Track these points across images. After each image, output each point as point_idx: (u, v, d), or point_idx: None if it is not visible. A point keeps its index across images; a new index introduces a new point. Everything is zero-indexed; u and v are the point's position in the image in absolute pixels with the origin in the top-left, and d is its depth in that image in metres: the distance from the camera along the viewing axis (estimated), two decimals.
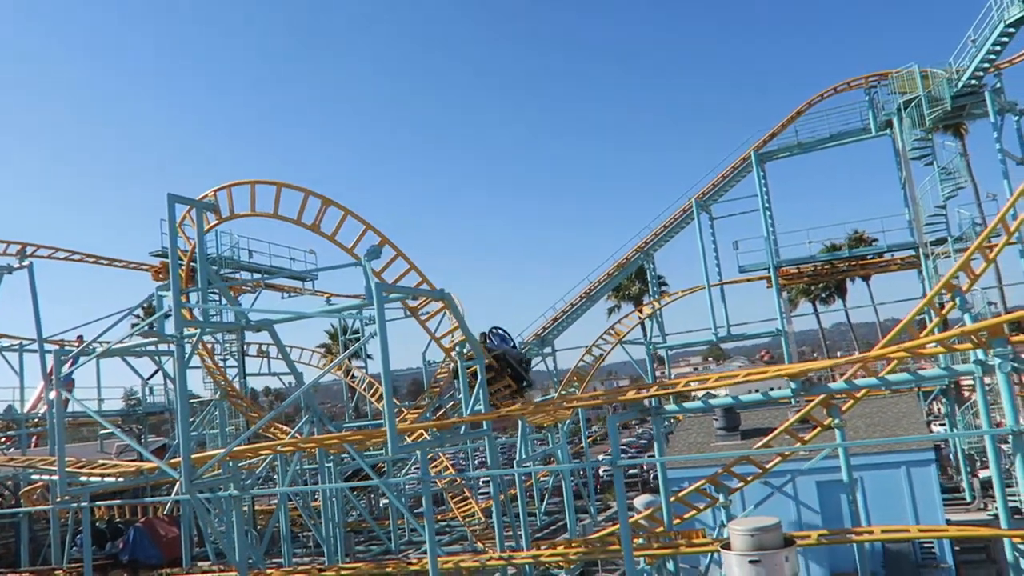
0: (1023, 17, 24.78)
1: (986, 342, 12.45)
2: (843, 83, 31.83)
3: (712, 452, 22.85)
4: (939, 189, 27.74)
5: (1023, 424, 12.24)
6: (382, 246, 18.57)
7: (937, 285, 15.47)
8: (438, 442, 18.25)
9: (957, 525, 23.52)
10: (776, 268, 30.76)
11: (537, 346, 35.91)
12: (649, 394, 15.94)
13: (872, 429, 21.78)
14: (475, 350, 19.36)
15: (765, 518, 13.45)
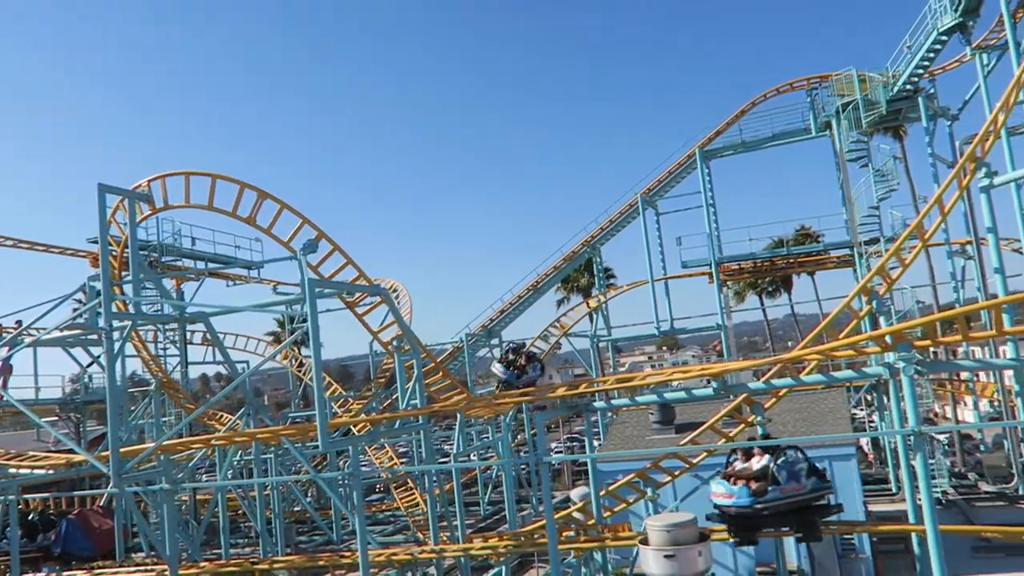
0: (956, 25, 25.59)
1: (892, 346, 12.96)
2: (786, 84, 32.52)
3: (647, 444, 23.40)
4: (873, 190, 28.59)
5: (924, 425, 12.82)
6: (318, 240, 18.53)
7: (854, 290, 16.06)
8: (371, 437, 18.35)
9: (880, 516, 24.53)
10: (718, 264, 31.42)
11: (484, 337, 36.14)
12: (577, 391, 16.24)
13: (800, 424, 22.51)
14: (412, 345, 19.46)
15: (682, 514, 13.89)
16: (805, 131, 32.05)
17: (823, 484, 13.77)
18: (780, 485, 13.32)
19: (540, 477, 16.16)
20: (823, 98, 31.59)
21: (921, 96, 28.98)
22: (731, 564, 21.66)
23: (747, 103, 32.74)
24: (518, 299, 35.87)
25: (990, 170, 16.20)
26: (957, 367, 15.34)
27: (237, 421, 22.37)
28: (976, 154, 16.32)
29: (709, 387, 15.35)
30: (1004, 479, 28.09)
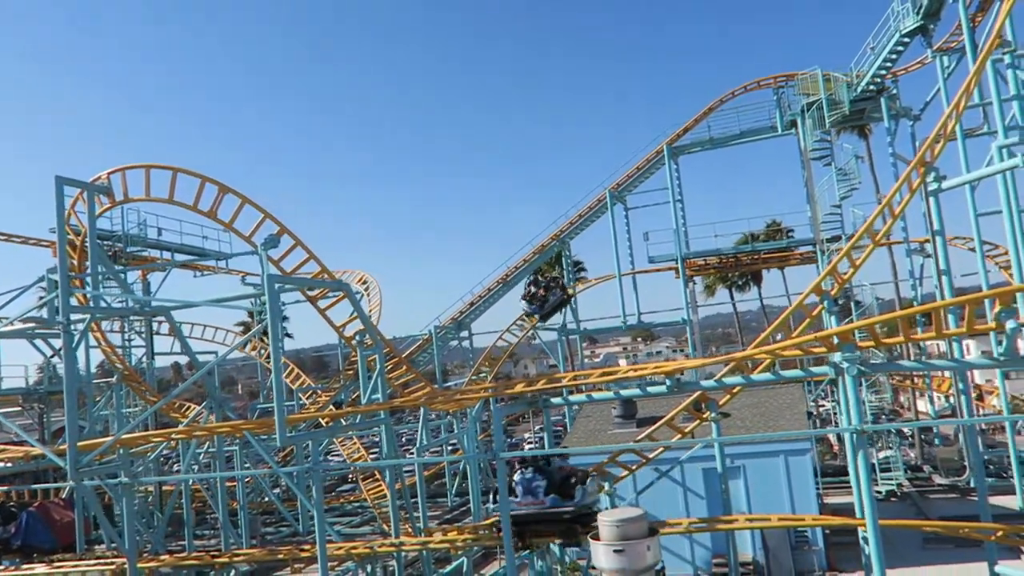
0: (918, 28, 26.04)
1: (837, 347, 13.30)
2: (753, 82, 32.88)
3: (609, 438, 23.74)
4: (836, 189, 29.08)
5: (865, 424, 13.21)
6: (281, 235, 18.54)
7: (806, 290, 16.37)
8: (331, 432, 18.45)
9: (835, 508, 25.11)
10: (684, 259, 31.80)
11: (454, 329, 36.29)
12: (535, 388, 16.46)
13: (757, 418, 22.95)
14: (374, 340, 19.56)
15: (633, 509, 14.15)
16: (772, 129, 32.45)
17: (561, 503, 14.97)
18: (518, 499, 14.84)
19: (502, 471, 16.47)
20: (789, 97, 31.98)
21: (884, 96, 29.50)
22: (688, 556, 22.14)
23: (715, 100, 33.07)
24: (488, 292, 36.02)
25: (939, 174, 16.59)
26: (898, 368, 15.76)
27: (200, 414, 22.41)
28: (925, 158, 16.69)
29: (663, 385, 15.65)
30: (956, 472, 28.85)
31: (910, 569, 20.52)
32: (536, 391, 16.69)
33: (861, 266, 17.07)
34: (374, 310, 35.49)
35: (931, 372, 31.15)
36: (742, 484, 21.65)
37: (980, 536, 14.60)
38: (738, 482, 21.65)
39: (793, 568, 20.97)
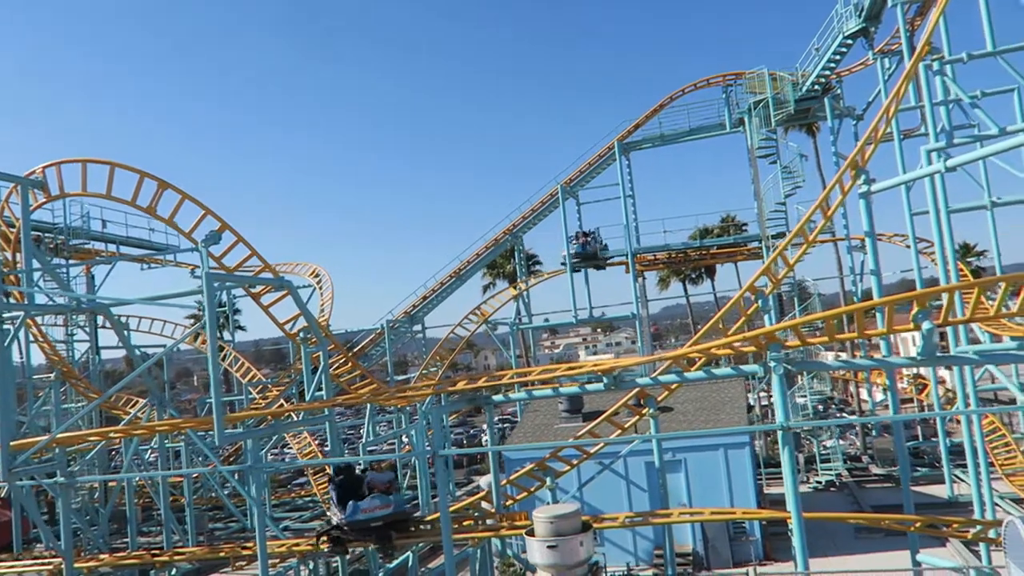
0: (860, 30, 26.66)
1: (764, 346, 13.68)
2: (703, 80, 33.31)
3: (556, 432, 24.05)
4: (781, 186, 29.69)
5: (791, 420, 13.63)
6: (222, 231, 18.32)
7: (741, 290, 16.79)
8: (271, 430, 18.39)
9: (774, 500, 25.78)
10: (634, 255, 32.17)
11: (406, 323, 36.24)
12: (476, 385, 16.60)
13: (699, 412, 23.45)
14: (318, 337, 19.51)
15: (567, 505, 14.42)
16: (720, 126, 32.94)
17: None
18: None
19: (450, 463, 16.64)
20: (737, 95, 32.48)
21: (828, 97, 30.16)
22: (632, 548, 22.57)
23: (666, 98, 33.45)
24: (440, 285, 36.03)
25: (869, 177, 17.09)
26: (823, 367, 16.28)
27: (140, 413, 22.11)
28: (857, 162, 17.18)
29: (601, 382, 15.92)
30: (892, 462, 29.79)
31: (842, 557, 21.23)
32: (478, 388, 16.84)
33: (795, 265, 17.56)
34: (326, 304, 35.28)
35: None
36: (683, 477, 22.15)
37: (901, 527, 15.16)
38: (679, 475, 22.16)
39: (731, 558, 21.54)
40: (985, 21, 19.36)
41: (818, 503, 27.00)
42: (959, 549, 19.08)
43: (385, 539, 15.77)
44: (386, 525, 15.61)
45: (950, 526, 14.81)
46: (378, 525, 15.47)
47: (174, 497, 35.30)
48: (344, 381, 23.35)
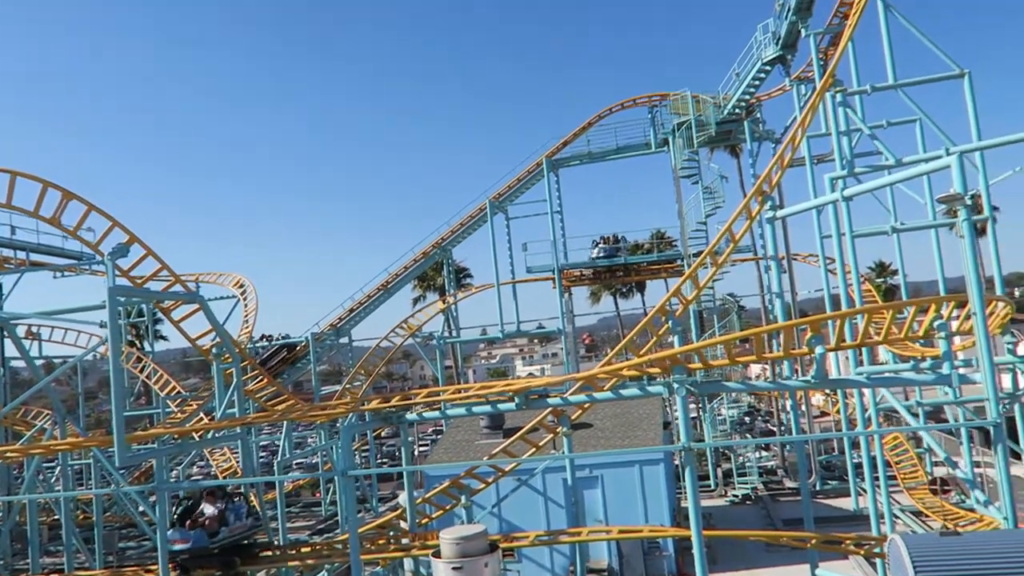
0: (777, 57, 27.63)
1: (669, 368, 14.01)
2: (630, 100, 33.97)
3: (476, 449, 24.05)
4: (702, 206, 30.44)
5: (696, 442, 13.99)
6: (130, 244, 17.83)
7: (651, 312, 17.16)
8: (178, 448, 17.91)
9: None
10: (560, 271, 32.50)
11: (333, 336, 35.79)
12: (389, 405, 16.53)
13: (617, 429, 23.80)
14: (231, 353, 19.13)
15: (473, 526, 14.48)
16: (646, 146, 33.61)
17: (257, 524, 17.86)
18: (229, 526, 16.64)
19: (373, 481, 16.51)
20: (663, 116, 33.23)
21: (748, 120, 31.15)
22: (548, 564, 22.69)
23: (594, 116, 33.97)
24: (368, 298, 35.74)
25: (774, 203, 17.74)
26: (724, 388, 16.78)
27: (46, 426, 21.25)
28: (764, 188, 17.80)
29: (512, 402, 16.04)
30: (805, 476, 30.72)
31: (752, 571, 21.81)
32: (391, 407, 16.76)
33: (705, 287, 18.03)
34: (251, 315, 34.59)
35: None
36: (600, 493, 22.41)
37: (798, 544, 15.67)
38: (596, 491, 22.41)
39: (645, 573, 21.86)
40: (887, 55, 20.36)
41: (733, 516, 27.68)
42: (860, 563, 19.80)
43: (228, 565, 16.33)
44: (228, 550, 16.32)
45: (844, 542, 15.38)
46: (216, 552, 16.16)
47: (85, 514, 34.03)
48: (261, 397, 22.89)
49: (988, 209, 20.14)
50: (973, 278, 12.90)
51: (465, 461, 19.92)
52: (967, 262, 13.17)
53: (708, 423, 32.06)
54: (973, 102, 19.75)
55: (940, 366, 13.32)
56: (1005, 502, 12.66)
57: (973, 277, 12.90)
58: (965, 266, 13.28)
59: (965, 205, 12.97)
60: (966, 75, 19.74)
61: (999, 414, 12.64)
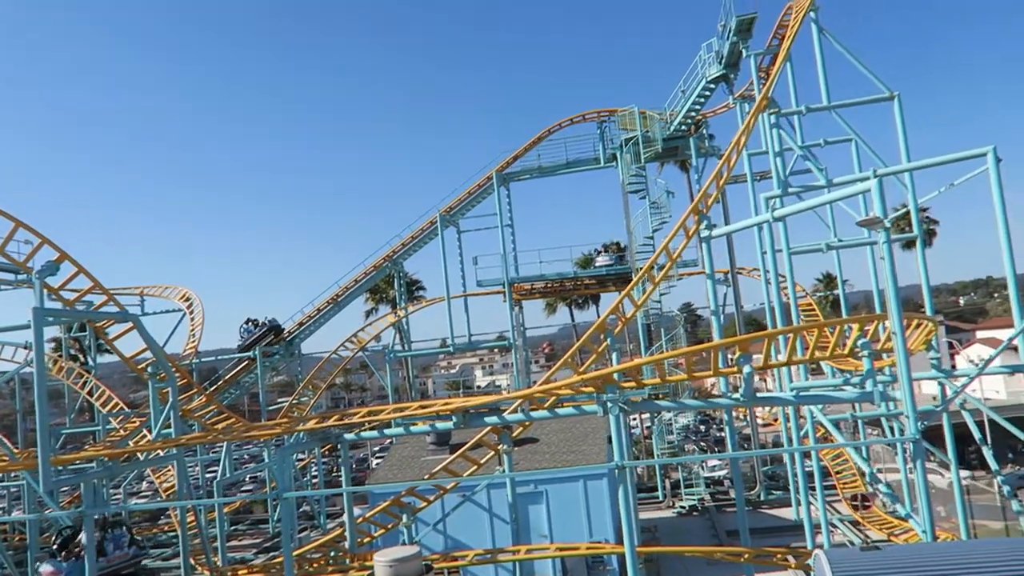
0: (721, 76, 28.16)
1: (602, 387, 14.16)
2: (579, 115, 34.29)
3: (422, 465, 23.93)
4: (649, 221, 30.81)
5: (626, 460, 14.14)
6: (60, 262, 17.45)
7: (591, 328, 17.30)
8: (108, 471, 17.51)
9: (641, 526, 26.47)
10: (511, 284, 32.57)
11: (282, 350, 35.36)
12: (327, 424, 16.39)
13: (563, 444, 23.90)
14: (166, 371, 18.79)
15: (408, 548, 14.37)
16: (596, 161, 33.93)
17: (141, 552, 19.23)
18: (107, 556, 17.44)
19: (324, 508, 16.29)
20: (611, 131, 33.60)
21: (694, 137, 31.68)
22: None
23: (544, 131, 34.22)
24: (317, 312, 35.42)
25: (710, 223, 18.06)
26: (656, 407, 17.02)
27: None
28: (700, 208, 18.12)
29: (450, 421, 16.04)
30: (750, 487, 31.22)
31: None
32: (329, 427, 16.62)
33: (643, 304, 18.25)
34: (197, 329, 34.04)
35: None
36: (544, 508, 22.45)
37: (732, 559, 15.90)
38: (541, 507, 22.44)
39: None
40: (821, 77, 20.94)
41: (680, 528, 27.95)
42: (797, 574, 20.18)
43: None
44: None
45: (776, 556, 15.65)
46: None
47: (21, 535, 32.99)
48: (203, 415, 22.49)
49: (917, 227, 20.82)
50: (893, 298, 13.28)
51: (406, 481, 19.81)
52: (888, 282, 13.56)
53: (657, 435, 32.37)
54: (902, 123, 20.41)
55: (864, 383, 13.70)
56: (924, 515, 13.03)
57: (893, 297, 13.29)
58: (886, 286, 13.68)
59: (884, 228, 13.36)
60: (896, 97, 20.42)
61: (918, 430, 13.02)
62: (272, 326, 35.71)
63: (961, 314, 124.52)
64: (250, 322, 36.36)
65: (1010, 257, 16.57)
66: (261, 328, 35.71)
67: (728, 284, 31.74)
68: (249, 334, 35.64)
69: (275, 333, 35.58)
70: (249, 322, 36.35)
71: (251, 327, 35.96)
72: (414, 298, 43.68)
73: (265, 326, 35.72)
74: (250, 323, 36.27)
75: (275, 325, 35.79)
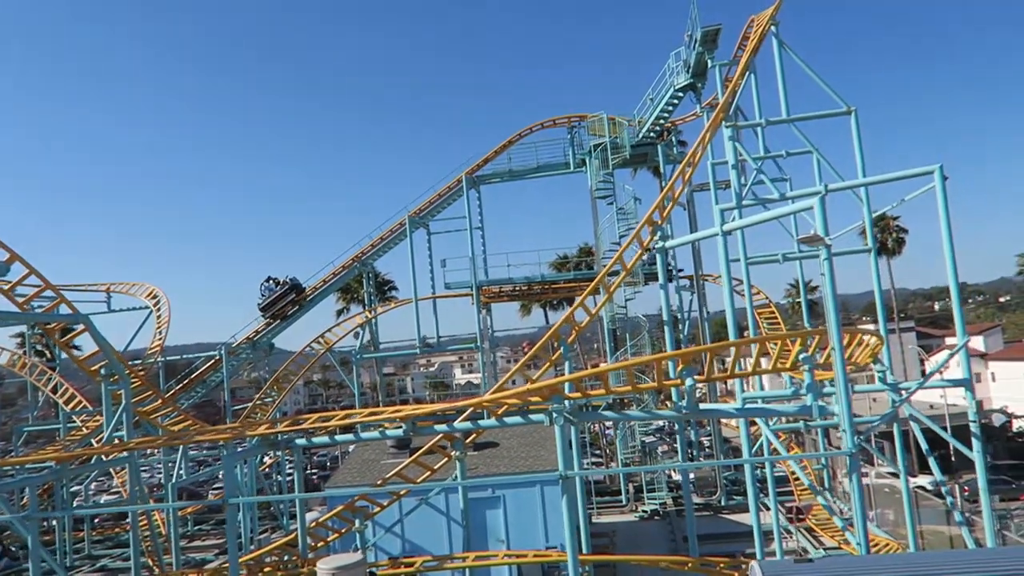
0: (688, 85, 28.37)
1: (547, 397, 14.27)
2: (550, 120, 34.42)
3: (382, 468, 23.96)
4: (616, 226, 30.98)
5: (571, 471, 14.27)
6: (11, 263, 17.31)
7: (544, 337, 17.46)
8: (55, 475, 17.41)
9: (600, 529, 26.65)
10: (479, 287, 32.64)
11: (248, 350, 35.23)
12: (277, 430, 16.40)
13: (522, 448, 24.03)
14: (119, 373, 18.70)
15: (350, 555, 14.44)
16: (565, 165, 34.08)
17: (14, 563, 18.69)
18: None
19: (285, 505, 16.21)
20: (582, 136, 33.74)
21: (662, 144, 31.90)
22: None
23: (515, 134, 34.32)
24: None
25: (664, 234, 18.25)
26: (600, 417, 17.18)
27: None
28: (654, 219, 18.29)
29: (400, 428, 16.10)
30: (710, 492, 31.53)
31: None
32: (278, 433, 16.63)
33: (597, 313, 18.42)
34: (163, 327, 33.83)
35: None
36: (501, 513, 22.54)
37: (677, 567, 16.08)
38: (498, 511, 22.53)
39: None
40: (781, 91, 21.18)
41: (639, 533, 28.17)
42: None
43: None
44: None
45: (718, 566, 15.85)
46: None
47: None
48: (158, 417, 22.37)
49: (871, 240, 21.15)
50: (832, 312, 13.48)
51: (363, 485, 19.83)
52: (827, 298, 13.76)
53: (620, 440, 32.59)
54: (859, 137, 20.69)
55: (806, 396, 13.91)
56: (858, 528, 13.24)
57: (832, 312, 13.48)
58: (825, 303, 13.89)
59: (826, 245, 13.57)
60: (853, 112, 20.69)
61: (854, 444, 13.24)
62: (293, 284, 35.49)
63: (935, 319, 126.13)
64: (271, 280, 35.99)
65: (953, 271, 16.90)
66: (282, 287, 35.35)
67: (693, 291, 32.01)
68: (270, 292, 35.37)
69: (296, 292, 35.43)
70: (270, 280, 36.00)
71: (272, 285, 35.65)
72: (387, 298, 43.62)
73: (286, 284, 35.39)
74: (271, 281, 35.91)
75: (296, 284, 35.56)
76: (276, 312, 34.83)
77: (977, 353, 58.66)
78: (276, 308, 34.58)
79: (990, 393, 56.38)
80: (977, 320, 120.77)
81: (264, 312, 35.17)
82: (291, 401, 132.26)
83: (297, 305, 35.25)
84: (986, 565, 9.63)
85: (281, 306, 34.91)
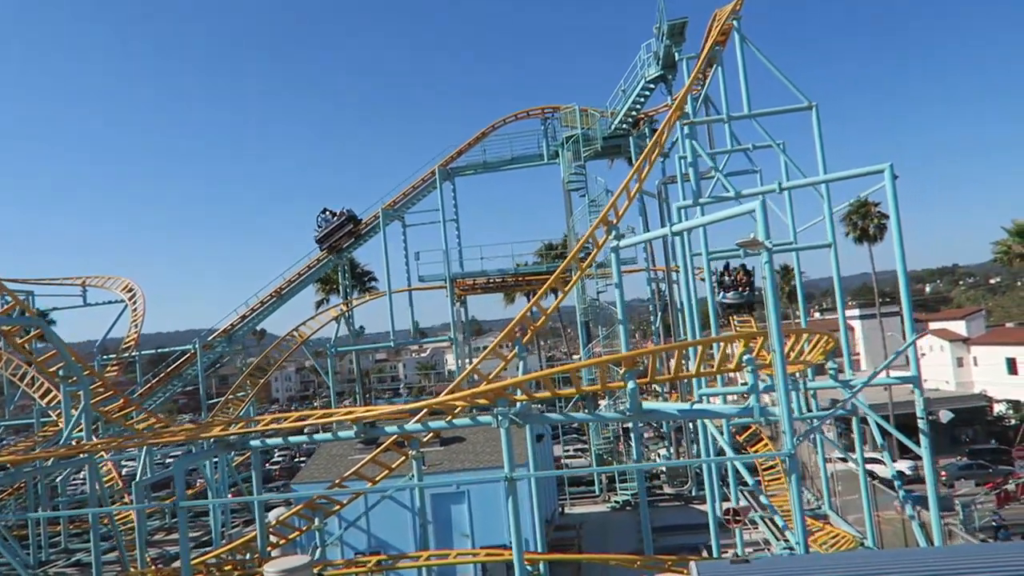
0: (659, 77, 28.31)
1: (493, 400, 14.37)
2: (523, 111, 34.30)
3: (349, 463, 24.09)
4: (588, 219, 30.97)
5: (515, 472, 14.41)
6: None
7: (498, 338, 17.52)
8: (10, 479, 17.49)
9: (561, 524, 26.84)
10: (453, 280, 32.66)
11: (224, 343, 35.28)
12: (231, 432, 16.48)
13: (487, 443, 24.23)
14: (77, 375, 18.75)
15: (299, 557, 14.57)
16: (539, 157, 34.00)
17: None
18: None
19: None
20: (555, 128, 33.64)
21: (634, 136, 31.83)
22: None
23: (488, 126, 34.22)
24: (261, 305, 35.33)
25: (619, 233, 18.27)
26: (548, 419, 17.24)
27: None
28: (609, 219, 18.32)
29: (351, 429, 16.20)
30: (681, 482, 31.78)
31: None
32: (233, 435, 16.71)
33: (552, 312, 18.48)
34: (139, 320, 33.88)
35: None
36: (466, 509, 22.76)
37: (626, 565, 16.27)
38: (463, 507, 22.75)
39: None
40: (743, 86, 21.10)
41: (608, 524, 28.42)
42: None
43: None
44: None
45: (667, 564, 16.04)
46: None
47: None
48: (122, 415, 22.45)
49: (831, 236, 21.18)
50: (772, 313, 13.58)
51: (321, 482, 19.97)
52: (768, 299, 13.87)
53: (593, 430, 32.76)
54: (819, 133, 20.67)
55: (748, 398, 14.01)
56: (797, 528, 13.40)
57: (772, 312, 13.59)
58: (766, 304, 13.99)
59: (766, 248, 13.64)
60: (814, 107, 20.65)
61: (793, 446, 13.36)
62: (350, 216, 35.59)
63: (925, 303, 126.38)
64: (327, 211, 36.06)
65: (903, 267, 16.97)
66: (338, 218, 35.50)
67: (664, 282, 32.08)
68: (326, 223, 35.53)
69: (354, 223, 35.54)
70: (326, 211, 36.07)
71: (328, 216, 35.76)
72: (366, 289, 43.65)
73: (343, 216, 35.52)
74: (327, 212, 35.98)
75: (352, 215, 35.66)
76: (333, 244, 35.06)
77: (959, 338, 58.96)
78: (333, 240, 34.91)
79: (972, 378, 56.75)
80: (968, 302, 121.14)
81: (320, 244, 35.45)
82: (283, 388, 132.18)
83: (353, 237, 35.50)
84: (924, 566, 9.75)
85: (338, 237, 35.21)
